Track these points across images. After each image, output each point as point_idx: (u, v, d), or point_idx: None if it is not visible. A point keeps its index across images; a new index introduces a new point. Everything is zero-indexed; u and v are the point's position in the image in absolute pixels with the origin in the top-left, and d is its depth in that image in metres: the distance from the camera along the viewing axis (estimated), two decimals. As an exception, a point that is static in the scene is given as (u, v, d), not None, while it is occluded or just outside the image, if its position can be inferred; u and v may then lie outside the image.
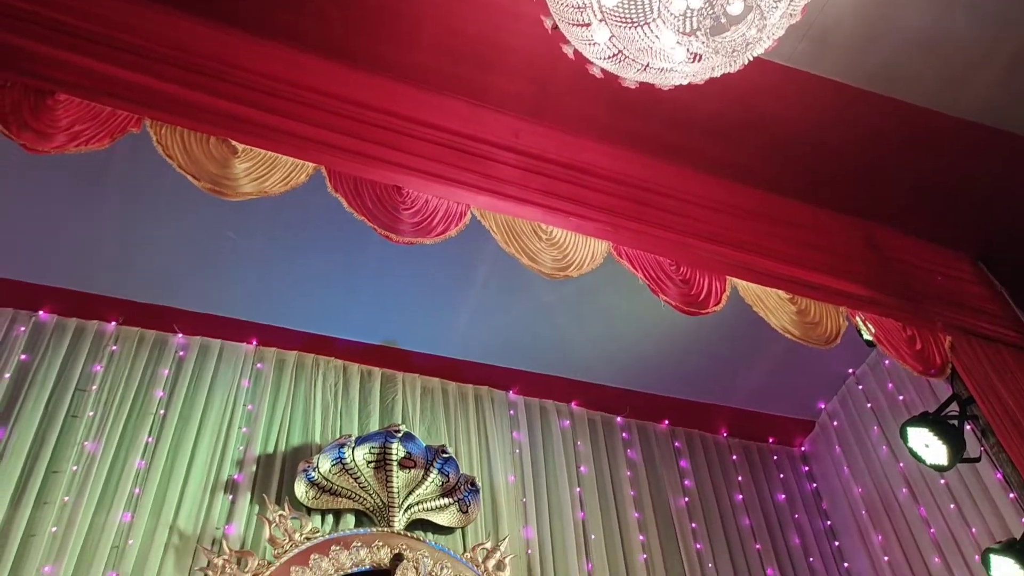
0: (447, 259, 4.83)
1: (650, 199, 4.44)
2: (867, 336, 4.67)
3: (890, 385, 5.67)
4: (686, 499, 5.74)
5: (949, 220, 5.17)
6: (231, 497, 4.41)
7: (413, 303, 5.26)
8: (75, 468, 3.97)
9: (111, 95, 3.35)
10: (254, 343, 5.16)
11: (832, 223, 4.99)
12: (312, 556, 4.15)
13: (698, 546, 5.51)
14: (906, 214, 5.13)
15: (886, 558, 5.45)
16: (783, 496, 6.11)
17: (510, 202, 4.04)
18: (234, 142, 3.51)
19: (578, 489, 5.45)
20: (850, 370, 6.03)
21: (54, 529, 3.77)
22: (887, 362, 5.66)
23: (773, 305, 4.37)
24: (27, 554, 3.69)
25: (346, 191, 3.64)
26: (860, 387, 5.97)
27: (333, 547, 4.25)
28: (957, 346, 4.62)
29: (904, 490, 5.45)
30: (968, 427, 4.65)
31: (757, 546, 5.72)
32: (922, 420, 4.67)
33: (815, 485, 6.27)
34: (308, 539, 4.23)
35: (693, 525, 5.61)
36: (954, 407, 4.69)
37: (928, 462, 4.62)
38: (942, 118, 4.62)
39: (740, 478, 6.07)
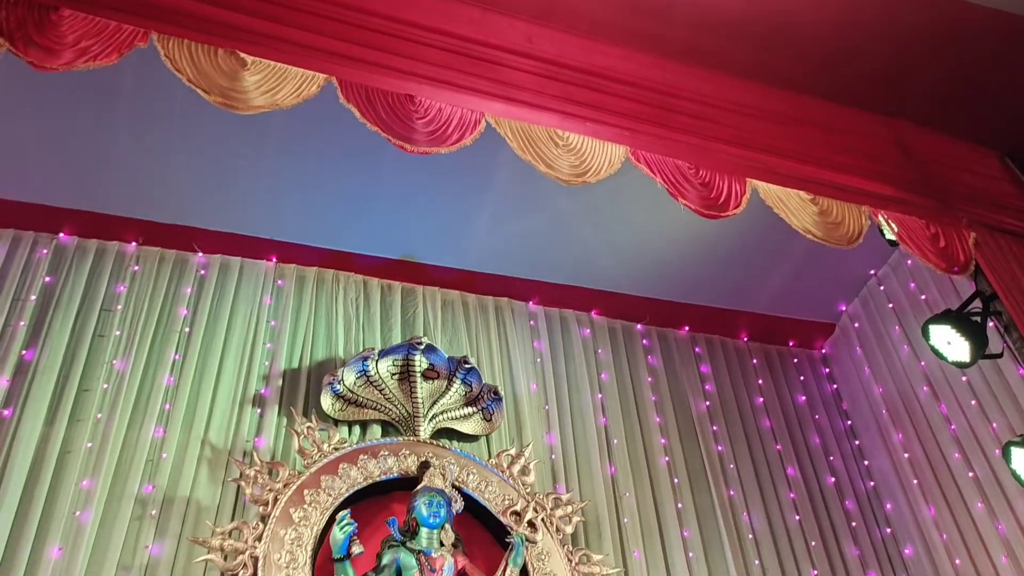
0: (463, 169, 4.79)
1: (669, 103, 4.36)
2: (889, 236, 4.62)
3: (912, 285, 5.64)
4: (707, 403, 5.80)
5: (978, 117, 5.06)
6: (259, 411, 4.50)
7: (430, 216, 5.25)
8: (105, 386, 4.04)
9: (114, 8, 3.28)
10: (274, 260, 5.19)
11: (858, 123, 4.90)
12: (341, 465, 4.24)
13: (719, 448, 5.59)
14: (934, 112, 5.02)
15: (906, 455, 5.52)
16: (803, 398, 6.16)
17: (525, 108, 3.97)
18: (242, 54, 3.45)
19: (599, 396, 5.51)
20: (871, 271, 5.99)
21: (89, 445, 3.87)
22: (909, 262, 5.62)
23: (794, 206, 4.32)
24: (64, 469, 3.79)
25: (358, 101, 3.59)
26: (881, 288, 5.94)
27: (361, 456, 4.34)
28: (981, 242, 4.57)
29: (925, 388, 5.47)
30: (991, 323, 4.64)
31: (777, 447, 5.80)
32: (944, 317, 4.66)
33: (835, 386, 6.31)
34: (336, 449, 4.33)
35: (714, 428, 5.69)
36: (976, 304, 4.67)
37: (950, 359, 4.62)
38: (972, 9, 4.46)
39: (760, 381, 6.11)
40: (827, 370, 6.41)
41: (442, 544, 4.11)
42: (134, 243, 4.88)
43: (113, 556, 3.71)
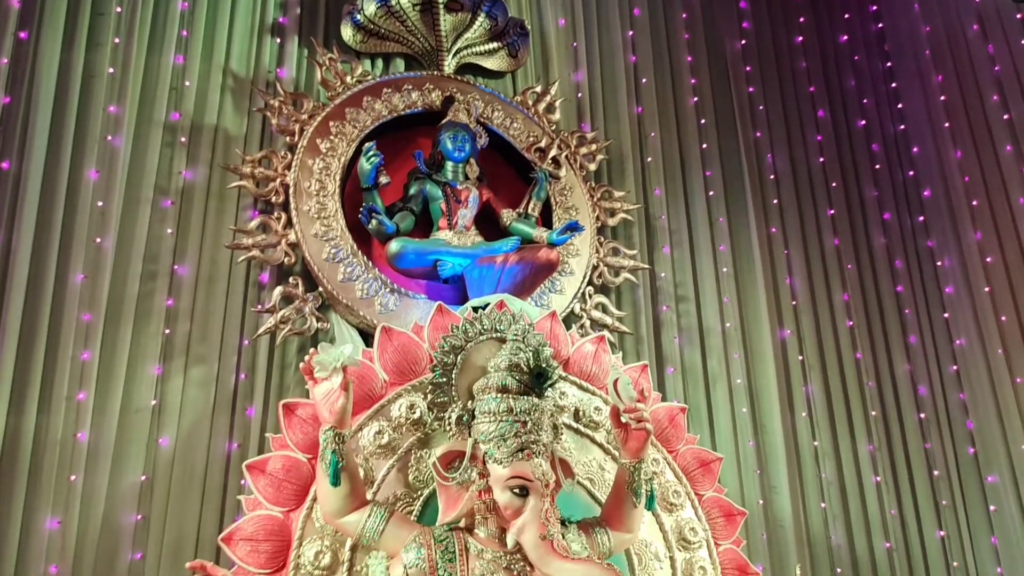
0: None
1: None
2: None
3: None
4: (742, 42, 5.57)
5: None
6: (279, 40, 4.37)
7: None
8: (119, 9, 3.90)
9: None
10: None
11: None
12: (365, 98, 4.21)
13: (750, 89, 5.46)
14: None
15: (943, 97, 5.36)
16: (845, 37, 5.88)
17: None
18: None
19: (630, 33, 5.29)
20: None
21: (111, 71, 3.83)
22: None
23: None
24: (90, 94, 3.77)
25: None
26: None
27: (385, 90, 4.29)
28: None
29: (975, 27, 5.19)
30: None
31: (811, 88, 5.66)
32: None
33: (880, 25, 5.97)
34: (360, 82, 4.27)
35: (747, 68, 5.50)
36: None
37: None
38: None
39: (802, 19, 5.81)
40: (874, 8, 6.03)
41: (467, 177, 4.21)
42: None
43: (149, 180, 3.83)
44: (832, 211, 5.43)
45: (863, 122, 5.70)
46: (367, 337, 3.70)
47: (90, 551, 3.29)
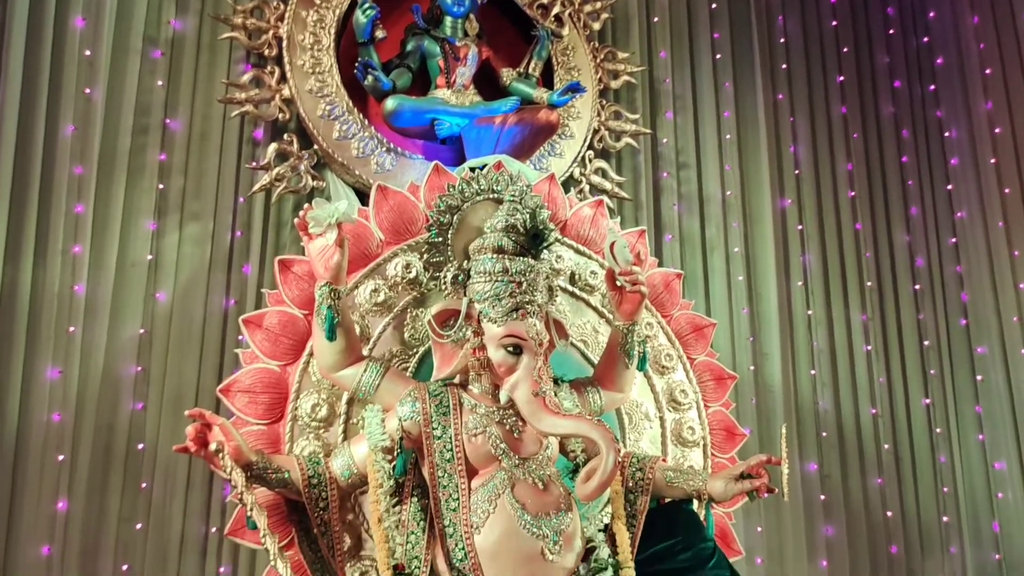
0: None
1: None
2: None
3: None
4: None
5: None
6: None
7: None
8: None
9: None
10: None
11: None
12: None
13: (764, -54, 5.24)
14: None
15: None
16: None
17: None
18: None
19: None
20: None
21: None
22: None
23: None
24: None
25: None
26: None
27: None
28: None
29: None
30: None
31: (827, -53, 5.43)
32: None
33: None
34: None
35: (761, -77, 5.26)
36: None
37: None
38: None
39: None
40: None
41: (466, 34, 4.07)
42: None
43: (137, 29, 3.70)
44: (842, 78, 5.30)
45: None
46: (363, 197, 3.67)
47: (91, 400, 3.37)
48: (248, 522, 2.24)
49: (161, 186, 3.68)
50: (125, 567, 3.35)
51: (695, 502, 2.69)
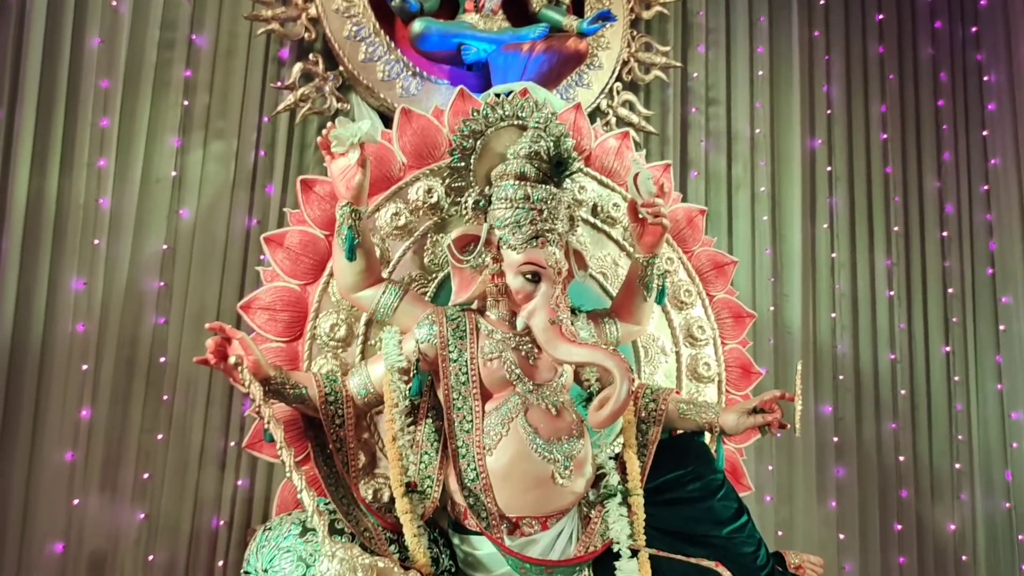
0: None
1: None
2: None
3: None
4: None
5: None
6: None
7: None
8: None
9: None
10: None
11: None
12: None
13: None
14: None
15: None
16: None
17: None
18: None
19: None
20: None
21: None
22: None
23: None
24: None
25: None
26: None
27: None
28: None
29: None
30: None
31: None
32: None
33: None
34: None
35: None
36: None
37: None
38: None
39: None
40: None
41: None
42: None
43: (164, -60, 3.66)
44: (881, 16, 5.14)
45: None
46: (388, 121, 3.64)
47: (115, 312, 3.41)
48: (265, 435, 2.28)
49: (186, 102, 3.66)
50: (146, 475, 3.44)
51: (707, 435, 2.72)
